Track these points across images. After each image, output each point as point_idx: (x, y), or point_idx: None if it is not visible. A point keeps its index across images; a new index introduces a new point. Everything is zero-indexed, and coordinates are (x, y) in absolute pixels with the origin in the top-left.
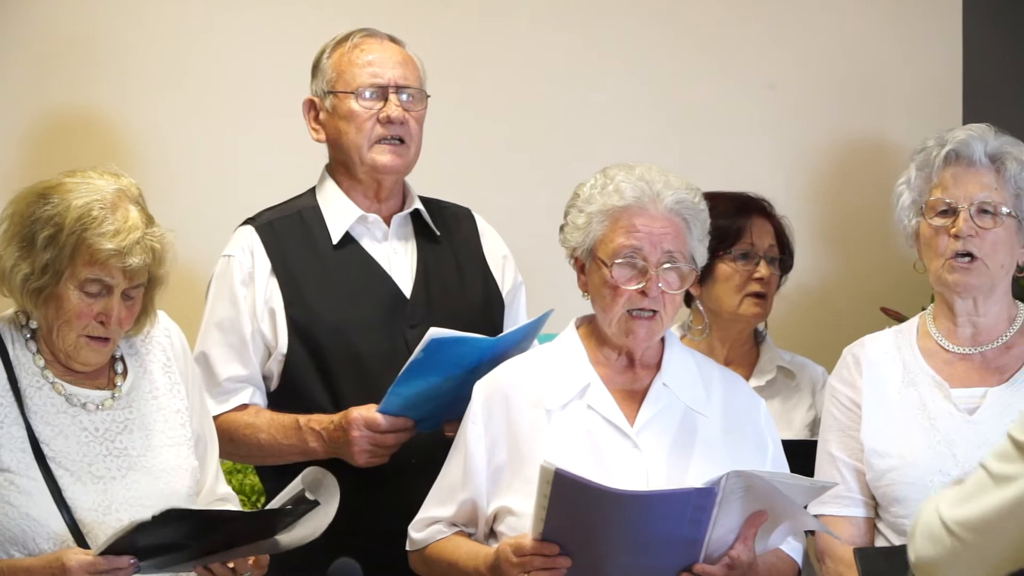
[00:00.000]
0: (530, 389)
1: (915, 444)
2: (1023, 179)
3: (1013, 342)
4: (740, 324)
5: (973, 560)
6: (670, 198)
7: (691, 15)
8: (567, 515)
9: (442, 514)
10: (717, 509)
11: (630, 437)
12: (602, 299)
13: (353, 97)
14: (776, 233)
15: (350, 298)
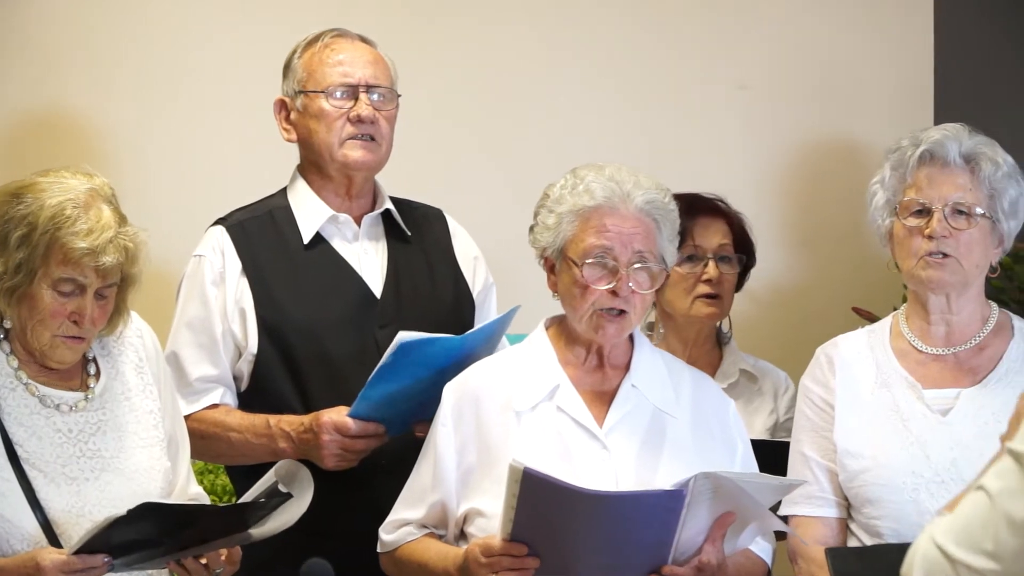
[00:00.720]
0: (500, 391)
1: (888, 445)
2: (997, 180)
3: (986, 343)
4: (695, 326)
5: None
6: (640, 198)
7: (663, 16)
8: (536, 515)
9: (412, 516)
10: (686, 511)
11: (599, 438)
12: (572, 299)
13: (324, 96)
14: (731, 230)
15: (320, 298)
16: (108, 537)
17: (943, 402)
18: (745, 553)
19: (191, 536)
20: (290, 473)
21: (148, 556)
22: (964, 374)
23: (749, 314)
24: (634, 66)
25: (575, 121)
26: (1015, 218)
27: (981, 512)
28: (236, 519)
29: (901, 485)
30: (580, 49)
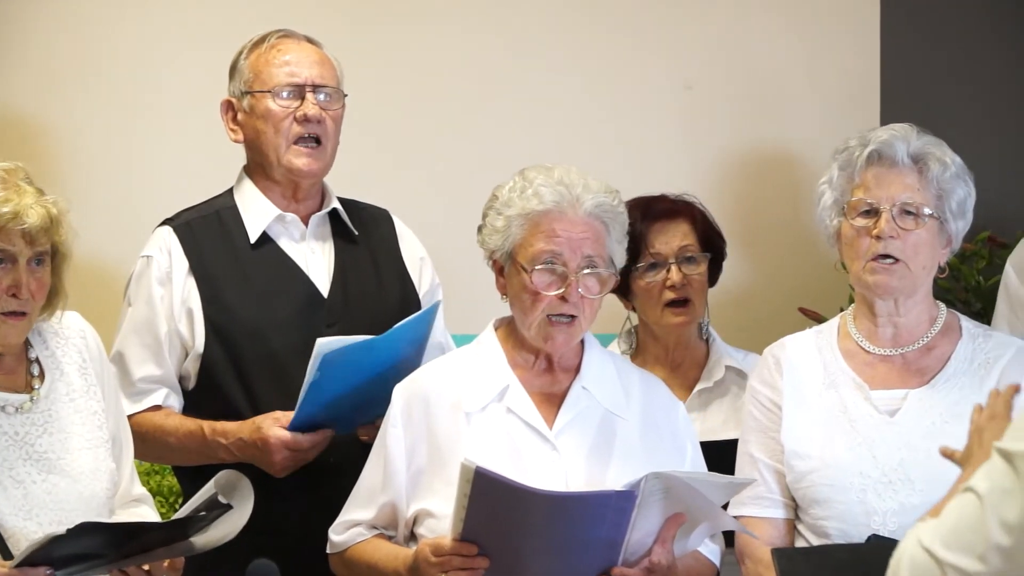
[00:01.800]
0: (449, 392)
1: (835, 446)
2: (945, 180)
3: (934, 343)
4: (672, 333)
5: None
6: (590, 202)
7: (610, 18)
8: (486, 515)
9: (362, 517)
10: (636, 511)
11: (549, 440)
12: (521, 304)
13: (270, 96)
14: (693, 228)
15: (267, 298)
16: (49, 551)
17: (891, 403)
18: (694, 555)
19: (133, 547)
20: (230, 483)
21: (91, 567)
22: (912, 375)
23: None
24: (581, 66)
25: (522, 121)
26: (963, 218)
27: (970, 514)
28: (176, 532)
29: (848, 486)
30: (527, 50)
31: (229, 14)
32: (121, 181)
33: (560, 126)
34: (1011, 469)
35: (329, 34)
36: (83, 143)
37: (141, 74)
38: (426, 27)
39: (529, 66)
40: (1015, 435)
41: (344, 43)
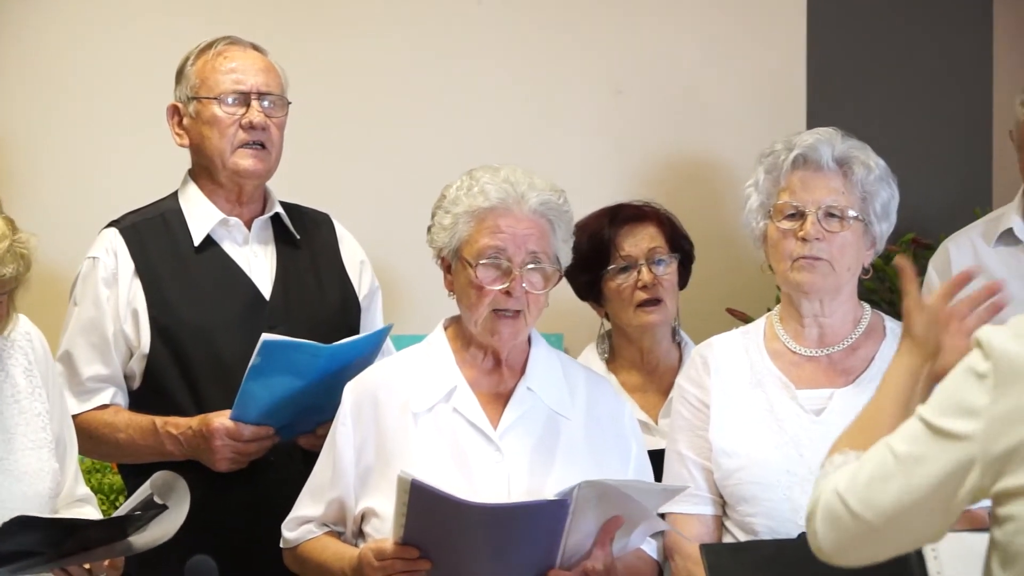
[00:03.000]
0: (398, 391)
1: (762, 444)
2: (870, 183)
3: (859, 344)
4: (646, 335)
5: (873, 544)
6: (534, 199)
7: (543, 23)
8: (425, 523)
9: (312, 513)
10: (571, 518)
11: (493, 440)
12: (467, 299)
13: (216, 103)
14: (661, 231)
15: (211, 299)
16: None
17: (816, 402)
18: (636, 553)
19: (72, 546)
20: (166, 484)
21: (31, 564)
22: (837, 374)
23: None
24: (518, 70)
25: (459, 125)
26: (887, 220)
27: (884, 470)
28: (113, 531)
29: (775, 483)
30: (468, 54)
31: (178, 19)
32: (67, 183)
33: (496, 130)
34: (928, 439)
35: (272, 39)
36: (30, 144)
37: (89, 78)
38: (366, 33)
39: (466, 72)
40: (935, 406)
41: (286, 49)
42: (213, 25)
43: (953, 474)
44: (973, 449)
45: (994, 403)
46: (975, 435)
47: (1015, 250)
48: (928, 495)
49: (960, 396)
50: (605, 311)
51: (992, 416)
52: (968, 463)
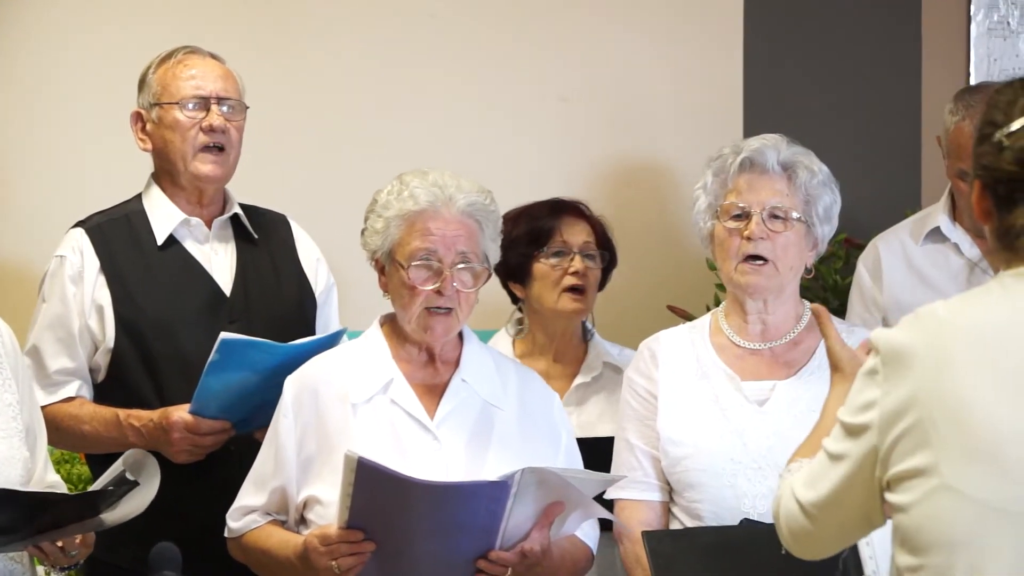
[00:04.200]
0: (337, 383)
1: (708, 433)
2: (813, 186)
3: (800, 338)
4: (562, 320)
5: (825, 536)
6: (462, 201)
7: (491, 29)
8: (370, 502)
9: (256, 503)
10: (512, 501)
11: (430, 430)
12: (401, 299)
13: (178, 108)
14: (593, 231)
15: (173, 296)
16: None
17: (760, 393)
18: (571, 539)
19: (45, 522)
20: (137, 462)
21: (5, 541)
22: (779, 367)
23: None
24: (464, 77)
25: (407, 129)
26: (829, 223)
27: (822, 470)
28: (86, 506)
29: (721, 471)
30: (418, 63)
31: (143, 26)
32: (37, 186)
33: (443, 134)
34: (844, 437)
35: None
36: (2, 150)
37: (59, 85)
38: (322, 42)
39: (418, 79)
40: (847, 406)
41: (244, 56)
42: (177, 33)
43: (863, 467)
44: (872, 441)
45: (885, 395)
46: (872, 427)
47: (942, 247)
48: (851, 489)
49: (860, 393)
50: (527, 293)
51: (884, 408)
52: (872, 454)
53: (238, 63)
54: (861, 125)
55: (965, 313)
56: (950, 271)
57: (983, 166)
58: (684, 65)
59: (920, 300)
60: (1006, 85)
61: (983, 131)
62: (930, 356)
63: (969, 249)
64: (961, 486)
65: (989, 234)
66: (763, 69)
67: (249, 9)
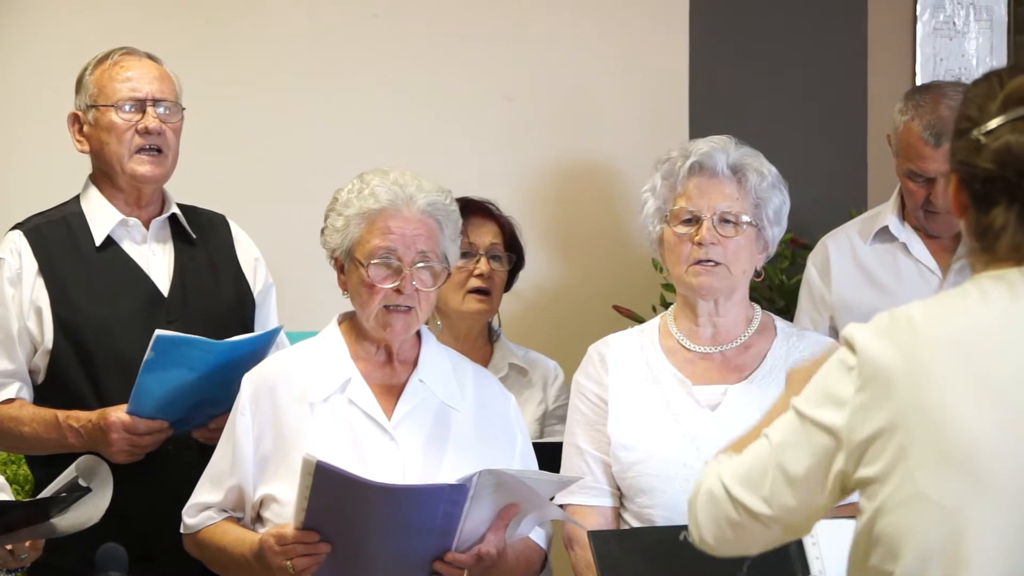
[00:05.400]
0: (295, 382)
1: (660, 438)
2: (763, 189)
3: (751, 342)
4: (467, 321)
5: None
6: (423, 201)
7: (437, 33)
8: (327, 505)
9: (212, 499)
10: (469, 503)
11: (387, 431)
12: (360, 297)
13: (114, 110)
14: (501, 232)
15: (112, 297)
16: None
17: (712, 397)
18: (524, 541)
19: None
20: (90, 468)
21: None
22: (731, 371)
23: (514, 312)
24: (412, 79)
25: (352, 129)
26: (778, 225)
27: (762, 459)
28: (37, 512)
29: (673, 476)
30: (362, 63)
31: (80, 26)
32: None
33: (386, 135)
34: (800, 428)
35: (171, 47)
36: None
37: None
38: (264, 42)
39: (362, 80)
40: (807, 398)
41: (184, 56)
42: (114, 33)
43: (822, 462)
44: (839, 437)
45: (858, 393)
46: (841, 424)
47: (890, 247)
48: (800, 483)
49: (830, 387)
50: None
51: (856, 406)
52: (835, 449)
53: (176, 63)
54: (807, 124)
55: (942, 317)
56: (898, 271)
57: (960, 161)
58: (630, 64)
59: (868, 300)
60: (982, 78)
61: (959, 125)
62: (906, 362)
63: (918, 249)
64: (936, 494)
65: (966, 231)
66: (709, 68)
67: (189, 9)
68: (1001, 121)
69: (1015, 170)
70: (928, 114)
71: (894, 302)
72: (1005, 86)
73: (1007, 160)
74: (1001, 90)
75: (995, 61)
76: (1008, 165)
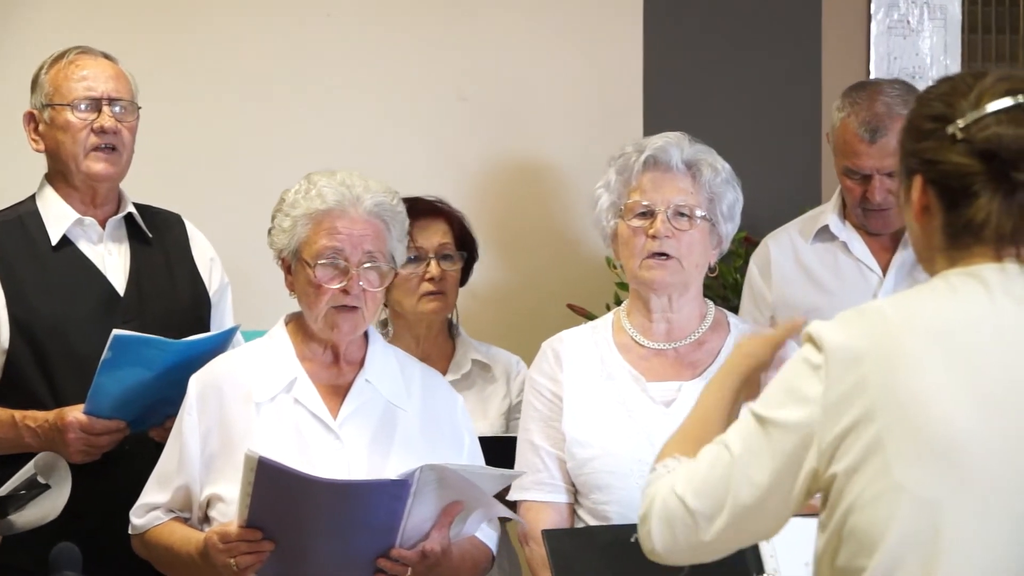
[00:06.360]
0: (242, 382)
1: (615, 435)
2: (717, 184)
3: (705, 338)
4: (425, 321)
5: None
6: (369, 201)
7: (390, 33)
8: (270, 501)
9: (159, 500)
10: (412, 499)
11: (333, 430)
12: (307, 297)
13: (69, 109)
14: (451, 229)
15: (68, 296)
16: None
17: (666, 394)
18: (471, 540)
19: None
20: (48, 465)
21: None
22: (685, 368)
23: (470, 309)
24: (365, 79)
25: (306, 128)
26: (732, 221)
27: (721, 469)
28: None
29: (628, 472)
30: (315, 62)
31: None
32: None
33: (340, 134)
34: (762, 433)
35: (126, 45)
36: None
37: None
38: (218, 41)
39: (315, 79)
40: (768, 401)
41: (139, 55)
42: (69, 31)
43: (790, 464)
44: (809, 436)
45: (828, 391)
46: (810, 422)
47: (831, 246)
48: (767, 489)
49: (795, 386)
50: (387, 298)
51: (826, 403)
52: (804, 450)
53: (132, 62)
54: (762, 123)
55: (914, 312)
56: (839, 270)
57: (928, 161)
58: (584, 63)
59: (809, 299)
60: (942, 81)
61: (924, 126)
62: (880, 354)
63: (858, 248)
64: (914, 486)
65: (930, 231)
66: (663, 67)
67: (143, 7)
68: (980, 115)
69: (1002, 161)
70: (864, 111)
71: (835, 301)
72: (977, 83)
73: (996, 151)
74: (972, 87)
75: (949, 60)
76: (995, 157)
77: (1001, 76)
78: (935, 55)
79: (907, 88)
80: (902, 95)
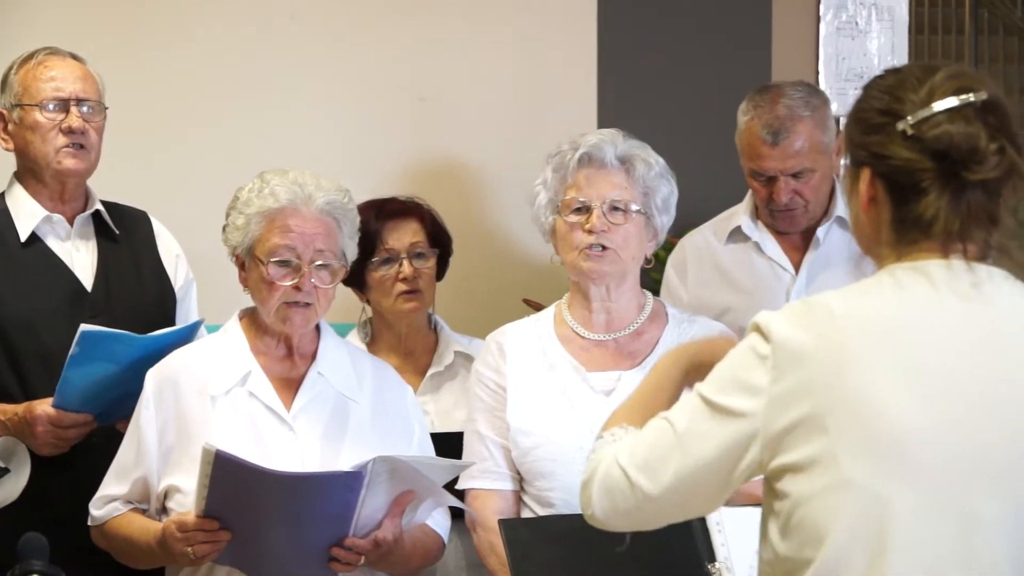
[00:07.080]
0: (197, 375)
1: (557, 423)
2: (651, 179)
3: (643, 329)
4: (405, 319)
5: (655, 512)
6: (321, 200)
7: (352, 36)
8: (226, 493)
9: (118, 492)
10: (365, 490)
11: (287, 422)
12: (260, 293)
13: (38, 109)
14: (423, 227)
15: (36, 292)
16: None
17: (606, 383)
18: (422, 528)
19: None
20: (7, 449)
21: None
22: (624, 358)
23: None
24: (323, 77)
25: (268, 126)
26: (667, 213)
27: (665, 445)
28: None
29: (570, 460)
30: (279, 64)
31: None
32: None
33: (302, 134)
34: (708, 415)
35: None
36: None
37: None
38: (185, 42)
39: (279, 80)
40: (714, 384)
41: (107, 55)
42: (36, 32)
43: (732, 449)
44: (754, 426)
45: (774, 383)
46: (756, 412)
47: (744, 246)
48: (707, 469)
49: (741, 375)
50: (367, 298)
51: (772, 395)
52: (748, 439)
53: (99, 63)
54: (712, 122)
55: (860, 306)
56: (752, 270)
57: (876, 155)
58: (540, 65)
59: (724, 298)
60: (888, 73)
61: (873, 119)
62: (827, 348)
63: (771, 248)
64: (862, 480)
65: (877, 224)
66: (616, 69)
67: (110, 8)
68: (931, 112)
69: (952, 160)
70: (766, 114)
71: (750, 301)
72: (927, 79)
73: (946, 150)
74: (922, 82)
75: (896, 60)
76: (945, 156)
77: (951, 73)
78: (883, 55)
79: (810, 90)
80: (804, 97)
